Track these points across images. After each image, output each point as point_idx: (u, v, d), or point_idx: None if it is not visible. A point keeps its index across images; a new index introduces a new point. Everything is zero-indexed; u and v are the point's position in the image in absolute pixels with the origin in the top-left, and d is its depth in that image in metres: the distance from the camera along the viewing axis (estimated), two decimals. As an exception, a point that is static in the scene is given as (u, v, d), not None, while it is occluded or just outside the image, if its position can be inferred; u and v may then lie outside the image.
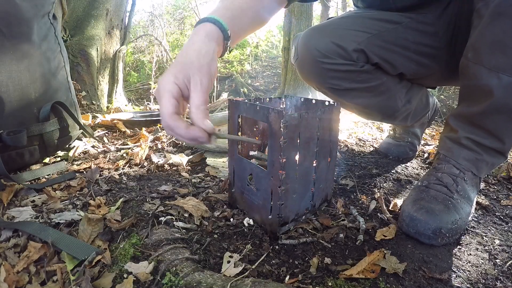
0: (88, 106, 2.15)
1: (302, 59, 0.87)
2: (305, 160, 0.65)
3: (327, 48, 0.82)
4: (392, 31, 0.85)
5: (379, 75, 0.87)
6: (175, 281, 0.51)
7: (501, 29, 0.63)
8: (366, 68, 0.84)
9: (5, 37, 0.92)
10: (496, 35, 0.64)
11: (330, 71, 0.84)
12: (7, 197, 0.81)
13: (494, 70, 0.65)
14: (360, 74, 0.84)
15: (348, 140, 1.43)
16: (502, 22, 0.63)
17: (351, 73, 0.84)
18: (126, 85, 4.42)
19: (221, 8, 0.62)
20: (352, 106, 0.93)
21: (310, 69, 0.86)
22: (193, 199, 0.78)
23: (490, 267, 0.60)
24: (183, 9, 6.83)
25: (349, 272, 0.55)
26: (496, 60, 0.65)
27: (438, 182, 0.73)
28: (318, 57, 0.83)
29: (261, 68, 5.47)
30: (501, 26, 0.63)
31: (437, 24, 0.85)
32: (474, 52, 0.69)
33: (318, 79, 0.87)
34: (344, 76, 0.84)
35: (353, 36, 0.82)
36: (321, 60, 0.83)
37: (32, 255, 0.58)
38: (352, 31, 0.83)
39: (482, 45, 0.67)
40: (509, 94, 0.65)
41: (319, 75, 0.86)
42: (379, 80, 0.87)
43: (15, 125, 0.95)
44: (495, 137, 0.71)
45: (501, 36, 0.63)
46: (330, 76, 0.84)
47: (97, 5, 2.21)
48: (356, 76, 0.85)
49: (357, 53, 0.82)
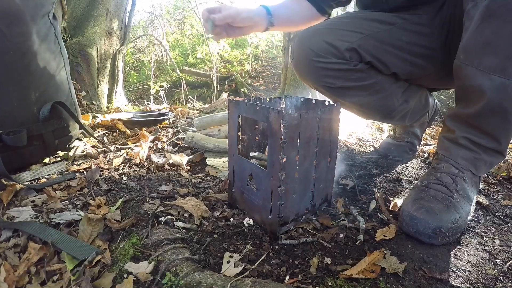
0: (88, 106, 2.15)
1: (298, 59, 0.89)
2: (305, 160, 0.65)
3: (320, 48, 0.83)
4: (386, 32, 0.86)
5: (373, 74, 0.88)
6: (175, 281, 0.51)
7: (491, 30, 0.64)
8: (360, 67, 0.85)
9: (5, 37, 0.92)
10: (486, 36, 0.64)
11: (324, 70, 0.85)
12: (7, 197, 0.81)
13: (486, 72, 0.65)
14: (354, 72, 0.85)
15: (348, 140, 1.43)
16: (492, 24, 0.63)
17: (345, 72, 0.85)
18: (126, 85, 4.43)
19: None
20: (349, 105, 0.94)
21: (305, 68, 0.88)
22: (193, 199, 0.78)
23: (490, 267, 0.60)
24: (183, 9, 6.83)
25: (349, 272, 0.55)
26: (487, 62, 0.65)
27: (437, 182, 0.73)
28: (312, 56, 0.85)
29: (261, 68, 5.47)
30: (490, 27, 0.64)
31: (431, 25, 0.85)
32: (465, 53, 0.69)
33: (313, 78, 0.89)
34: (338, 75, 0.85)
35: (346, 36, 0.84)
36: (315, 59, 0.84)
37: (32, 257, 0.58)
38: (346, 31, 0.85)
39: (473, 46, 0.67)
40: (501, 95, 0.65)
41: (313, 73, 0.87)
42: (373, 79, 0.88)
43: (15, 125, 0.95)
44: (491, 137, 0.72)
45: (491, 38, 0.64)
46: (324, 75, 0.86)
47: (97, 5, 2.21)
48: (350, 75, 0.86)
49: (349, 52, 0.83)
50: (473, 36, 0.67)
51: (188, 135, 1.20)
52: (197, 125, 1.35)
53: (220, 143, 1.17)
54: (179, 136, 1.40)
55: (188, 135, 1.20)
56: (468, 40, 0.68)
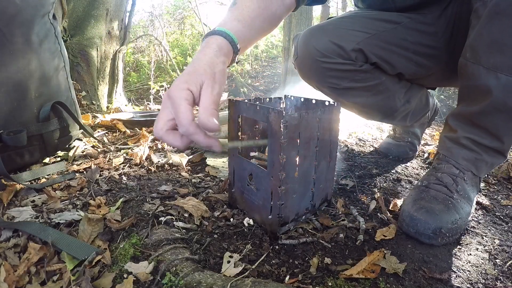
0: (88, 106, 2.15)
1: (302, 58, 0.88)
2: (305, 160, 0.65)
3: (326, 48, 0.82)
4: (392, 31, 0.85)
5: (378, 75, 0.87)
6: (175, 281, 0.51)
7: (499, 28, 0.63)
8: (365, 67, 0.84)
9: (5, 37, 0.92)
10: (494, 34, 0.64)
11: (329, 70, 0.84)
12: (7, 197, 0.81)
13: (493, 70, 0.65)
14: (359, 73, 0.85)
15: (348, 140, 1.43)
16: (500, 22, 0.63)
17: (350, 72, 0.84)
18: (126, 85, 4.42)
19: (230, 19, 0.63)
20: (351, 105, 0.93)
21: (310, 68, 0.87)
22: (193, 199, 0.78)
23: (490, 267, 0.60)
24: (183, 9, 6.82)
25: (349, 272, 0.55)
26: (494, 60, 0.65)
27: (438, 182, 0.73)
28: (317, 56, 0.83)
29: (261, 68, 5.47)
30: (499, 25, 0.63)
31: (436, 24, 0.85)
32: (472, 51, 0.69)
33: (317, 78, 0.88)
34: (343, 75, 0.85)
35: (352, 36, 0.83)
36: (320, 59, 0.83)
37: (32, 257, 0.58)
38: (352, 31, 0.84)
39: (480, 44, 0.67)
40: (508, 94, 0.65)
41: (318, 74, 0.86)
42: (378, 80, 0.88)
43: (15, 125, 0.95)
44: (494, 137, 0.71)
45: (499, 36, 0.64)
46: (329, 75, 0.85)
47: (97, 5, 2.21)
48: (355, 75, 0.85)
49: (355, 52, 0.82)
50: (480, 34, 0.66)
51: (188, 135, 1.20)
52: (197, 125, 1.34)
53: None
54: (179, 136, 1.40)
55: (188, 135, 1.20)
56: (475, 38, 0.68)
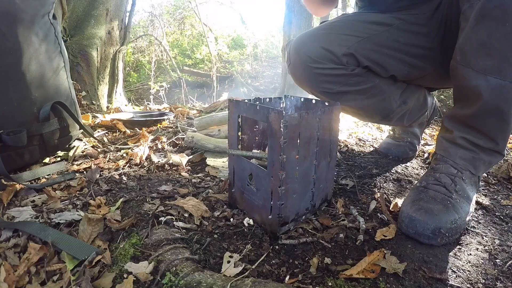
0: (88, 106, 2.15)
1: (294, 65, 0.89)
2: (305, 160, 0.65)
3: (317, 54, 0.83)
4: (383, 34, 0.85)
5: (371, 78, 0.88)
6: (175, 281, 0.51)
7: (486, 31, 0.64)
8: (357, 71, 0.85)
9: (5, 37, 0.92)
10: (481, 37, 0.65)
11: (322, 76, 0.85)
12: (7, 197, 0.81)
13: (482, 73, 0.66)
14: (351, 77, 0.85)
15: (348, 140, 1.43)
16: (487, 24, 0.63)
17: (342, 77, 0.85)
18: (126, 85, 4.42)
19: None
20: (347, 108, 0.94)
21: (302, 74, 0.88)
22: (193, 199, 0.78)
23: (490, 267, 0.60)
24: (183, 9, 6.83)
25: (349, 272, 0.56)
26: (483, 63, 0.65)
27: (436, 182, 0.73)
28: (309, 63, 0.84)
29: (261, 68, 5.47)
30: (486, 28, 0.64)
31: (429, 25, 0.85)
32: (462, 54, 0.69)
33: (310, 84, 0.89)
34: (335, 80, 0.85)
35: (343, 40, 0.84)
36: (312, 65, 0.84)
37: (32, 257, 0.58)
38: (342, 35, 0.84)
39: (469, 47, 0.68)
40: (498, 96, 0.66)
41: (311, 79, 0.87)
42: (371, 83, 0.88)
43: (15, 125, 0.95)
44: (488, 138, 0.72)
45: (486, 39, 0.64)
46: (322, 81, 0.86)
47: (97, 5, 2.21)
48: (347, 80, 0.86)
49: (347, 57, 0.83)
50: (468, 37, 0.67)
51: (188, 135, 1.20)
52: (197, 125, 1.35)
53: (220, 143, 1.17)
54: (179, 136, 1.40)
55: (188, 135, 1.20)
56: (464, 41, 0.68)
